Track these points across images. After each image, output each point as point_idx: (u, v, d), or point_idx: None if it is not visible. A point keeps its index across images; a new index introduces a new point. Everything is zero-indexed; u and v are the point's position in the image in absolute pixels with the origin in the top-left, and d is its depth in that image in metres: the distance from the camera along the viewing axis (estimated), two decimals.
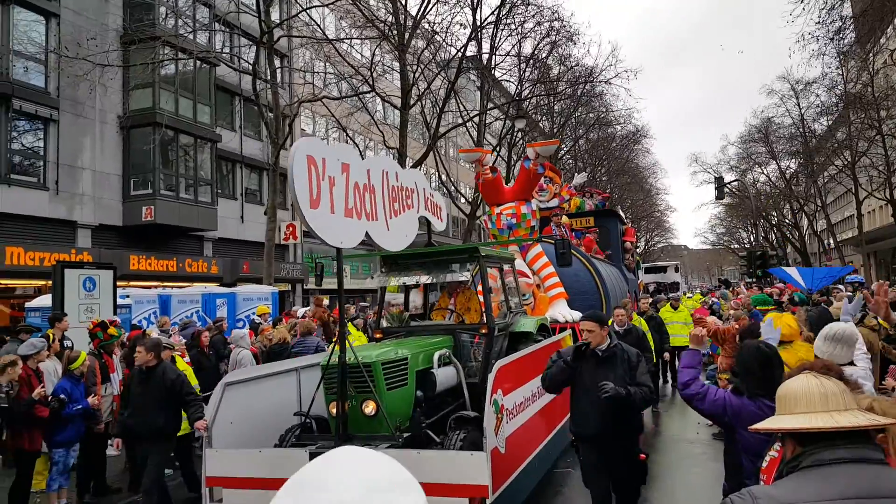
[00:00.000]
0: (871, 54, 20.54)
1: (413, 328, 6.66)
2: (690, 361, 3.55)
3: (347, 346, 4.93)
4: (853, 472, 1.62)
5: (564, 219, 13.14)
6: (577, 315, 8.84)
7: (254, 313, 13.61)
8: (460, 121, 23.53)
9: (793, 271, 14.90)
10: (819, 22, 17.15)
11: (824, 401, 1.75)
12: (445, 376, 5.63)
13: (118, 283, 11.23)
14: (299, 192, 4.24)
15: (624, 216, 18.61)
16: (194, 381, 6.79)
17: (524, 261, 9.43)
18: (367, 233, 4.98)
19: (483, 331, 6.23)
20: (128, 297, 13.33)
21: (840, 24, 17.23)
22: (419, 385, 5.43)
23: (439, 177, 25.07)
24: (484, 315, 6.43)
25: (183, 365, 6.75)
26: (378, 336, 6.63)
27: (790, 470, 1.75)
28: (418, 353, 5.58)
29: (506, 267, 7.48)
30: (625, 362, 4.36)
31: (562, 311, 8.98)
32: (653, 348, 8.81)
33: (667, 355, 9.89)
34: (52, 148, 17.32)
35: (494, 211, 9.75)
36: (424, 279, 6.64)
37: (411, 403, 5.33)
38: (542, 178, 12.05)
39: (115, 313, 10.40)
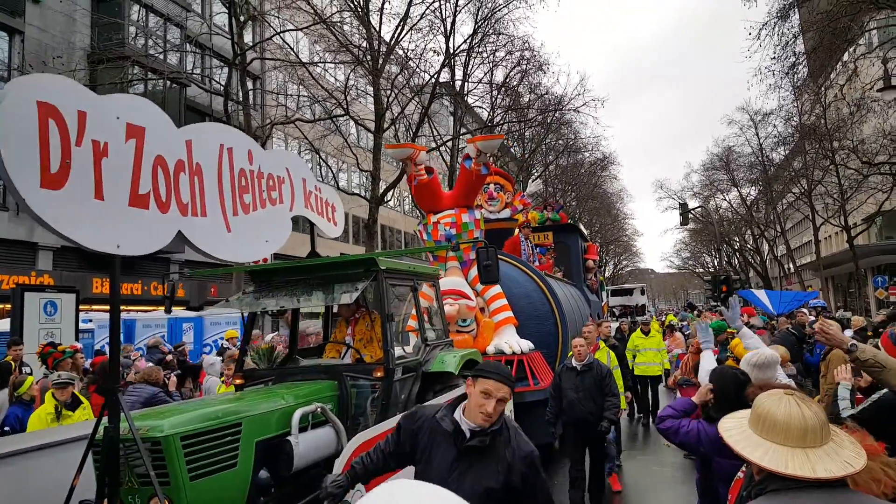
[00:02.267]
0: (823, 88, 21.56)
1: (287, 370, 5.05)
2: (677, 406, 3.48)
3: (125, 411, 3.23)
4: (819, 497, 1.64)
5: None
6: (526, 345, 7.73)
7: (222, 338, 13.38)
8: (434, 145, 23.77)
9: (761, 294, 15.21)
10: (774, 58, 18.00)
11: (802, 436, 1.71)
12: (313, 444, 3.91)
13: (80, 307, 10.96)
14: (9, 161, 2.55)
15: (585, 231, 16.76)
16: None
17: (465, 279, 7.99)
18: (181, 233, 3.44)
19: (378, 374, 4.61)
20: (90, 321, 12.99)
21: (794, 59, 18.11)
22: (266, 461, 3.81)
23: (413, 200, 25.22)
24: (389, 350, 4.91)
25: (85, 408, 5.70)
26: (238, 382, 4.97)
27: (757, 493, 1.75)
28: (268, 412, 3.86)
29: (424, 285, 6.04)
30: (503, 461, 2.53)
31: (508, 340, 7.60)
32: (622, 390, 7.35)
33: (629, 395, 8.77)
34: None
35: (431, 219, 8.14)
36: (303, 302, 4.87)
37: (245, 492, 3.62)
38: (493, 186, 10.63)
39: (77, 338, 10.14)
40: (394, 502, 0.98)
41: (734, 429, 1.90)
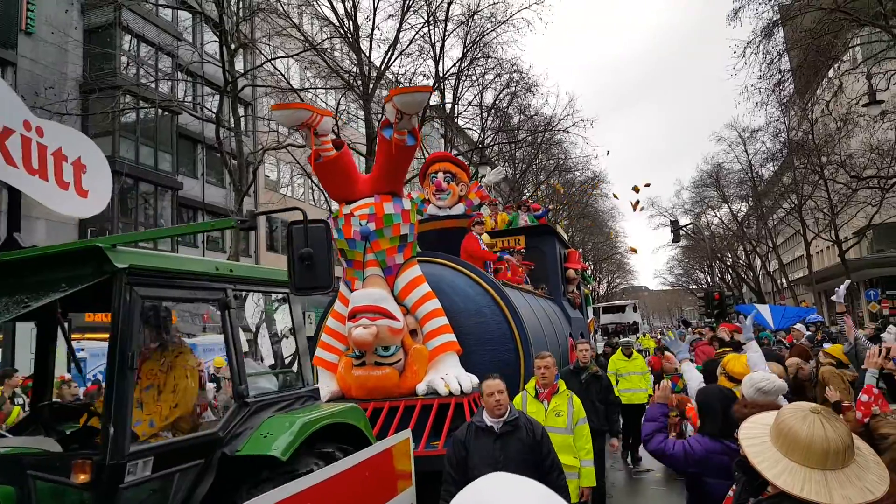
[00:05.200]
0: (809, 104, 21.92)
1: None
2: (652, 414, 3.45)
3: None
4: None
5: (485, 237, 9.05)
6: (469, 381, 5.49)
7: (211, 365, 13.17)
8: None
9: (763, 309, 15.01)
10: (760, 76, 18.32)
11: (823, 458, 1.64)
12: None
13: (73, 336, 10.81)
14: None
15: (565, 236, 13.77)
16: None
17: (391, 292, 5.88)
18: None
19: (80, 477, 2.62)
20: (83, 350, 12.80)
21: (780, 76, 18.42)
22: None
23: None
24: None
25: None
26: None
27: None
28: None
29: (249, 295, 4.00)
30: None
31: (446, 375, 5.55)
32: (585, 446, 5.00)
33: (615, 443, 6.64)
34: (5, 197, 16.83)
35: (342, 211, 6.03)
36: None
37: None
38: (442, 174, 8.40)
39: (69, 367, 9.98)
40: (484, 497, 1.05)
41: (754, 438, 1.83)
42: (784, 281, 38.59)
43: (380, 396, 5.42)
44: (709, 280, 57.78)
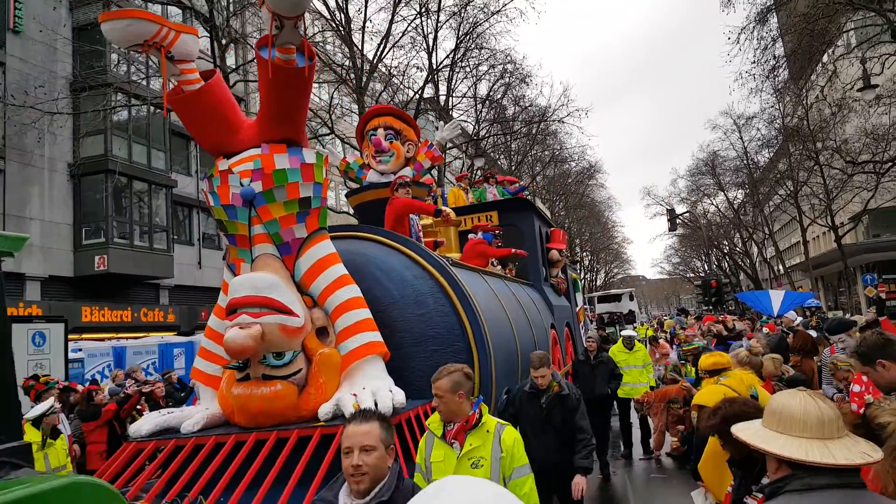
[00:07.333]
0: (804, 90, 21.86)
1: None
2: None
3: None
4: (840, 498, 1.64)
5: (449, 213, 7.12)
6: (389, 399, 3.81)
7: None
8: None
9: (776, 295, 14.91)
10: (755, 62, 18.24)
11: (820, 427, 1.74)
12: None
13: (70, 337, 10.78)
14: None
15: (548, 213, 12.07)
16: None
17: (290, 277, 4.22)
18: None
19: None
20: (80, 350, 12.78)
21: (774, 62, 18.35)
22: None
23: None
24: None
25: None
26: None
27: (773, 492, 1.76)
28: None
29: None
30: None
31: (363, 390, 3.88)
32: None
33: (580, 483, 4.49)
34: None
35: (218, 167, 4.31)
36: None
37: None
38: (382, 131, 6.72)
39: (66, 368, 9.95)
40: (443, 497, 1.15)
41: (748, 429, 1.90)
42: (781, 267, 38.66)
43: (270, 423, 3.84)
44: (706, 268, 57.89)
